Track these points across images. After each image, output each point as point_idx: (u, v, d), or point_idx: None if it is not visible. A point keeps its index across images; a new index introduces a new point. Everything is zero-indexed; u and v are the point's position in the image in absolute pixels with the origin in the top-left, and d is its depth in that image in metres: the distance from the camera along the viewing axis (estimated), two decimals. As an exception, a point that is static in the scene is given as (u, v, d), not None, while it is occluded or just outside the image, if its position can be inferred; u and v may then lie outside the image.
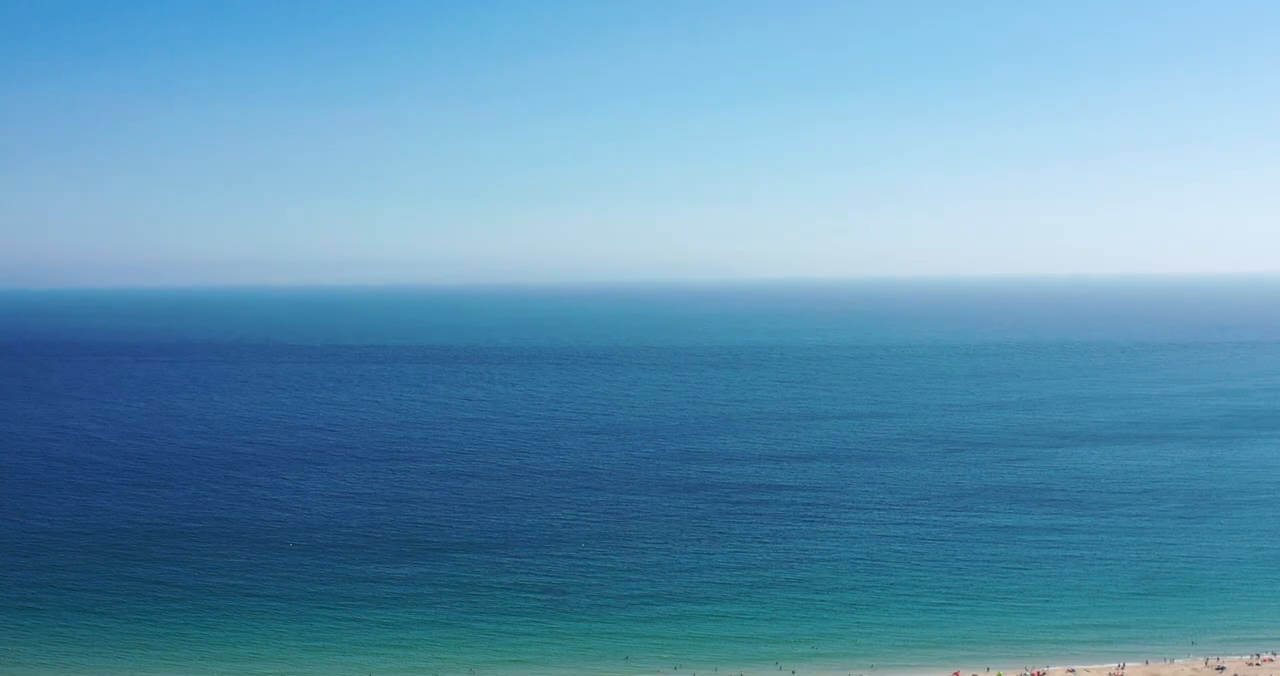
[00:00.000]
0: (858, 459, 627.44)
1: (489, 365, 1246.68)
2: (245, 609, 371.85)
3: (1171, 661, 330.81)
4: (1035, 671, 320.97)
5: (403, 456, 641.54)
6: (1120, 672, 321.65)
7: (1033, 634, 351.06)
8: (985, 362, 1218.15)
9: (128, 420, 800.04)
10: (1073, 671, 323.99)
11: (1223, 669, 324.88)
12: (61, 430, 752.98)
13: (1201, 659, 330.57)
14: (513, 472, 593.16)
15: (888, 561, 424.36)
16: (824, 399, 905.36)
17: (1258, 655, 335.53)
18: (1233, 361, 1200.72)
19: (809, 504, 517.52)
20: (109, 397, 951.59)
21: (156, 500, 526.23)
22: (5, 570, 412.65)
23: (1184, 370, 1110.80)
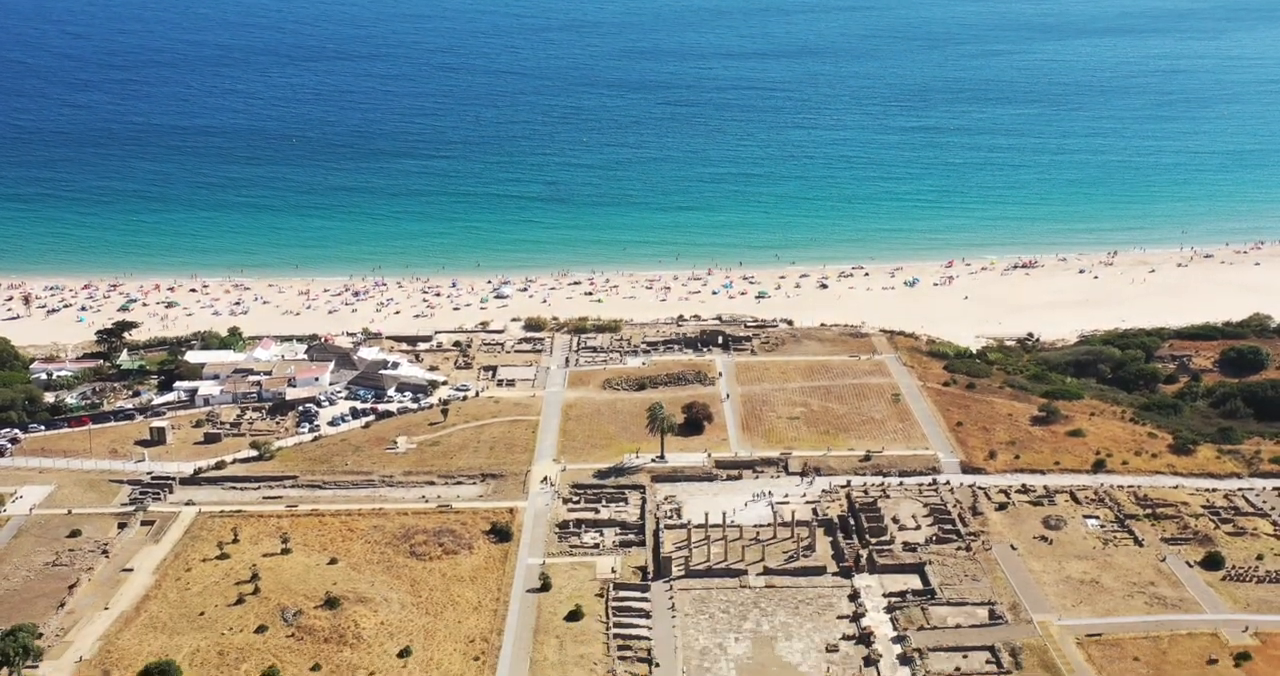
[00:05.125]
0: (854, 55, 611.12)
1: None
2: (237, 219, 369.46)
3: (1159, 249, 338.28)
4: (1028, 259, 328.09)
5: (393, 55, 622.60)
6: (1111, 260, 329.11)
7: (1027, 227, 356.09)
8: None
9: (92, 18, 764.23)
10: (1064, 259, 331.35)
11: (1210, 256, 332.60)
12: (11, 32, 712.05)
13: (1190, 248, 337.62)
14: (506, 69, 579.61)
15: (885, 161, 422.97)
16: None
17: (1230, 244, 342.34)
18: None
19: (804, 100, 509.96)
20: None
21: (143, 103, 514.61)
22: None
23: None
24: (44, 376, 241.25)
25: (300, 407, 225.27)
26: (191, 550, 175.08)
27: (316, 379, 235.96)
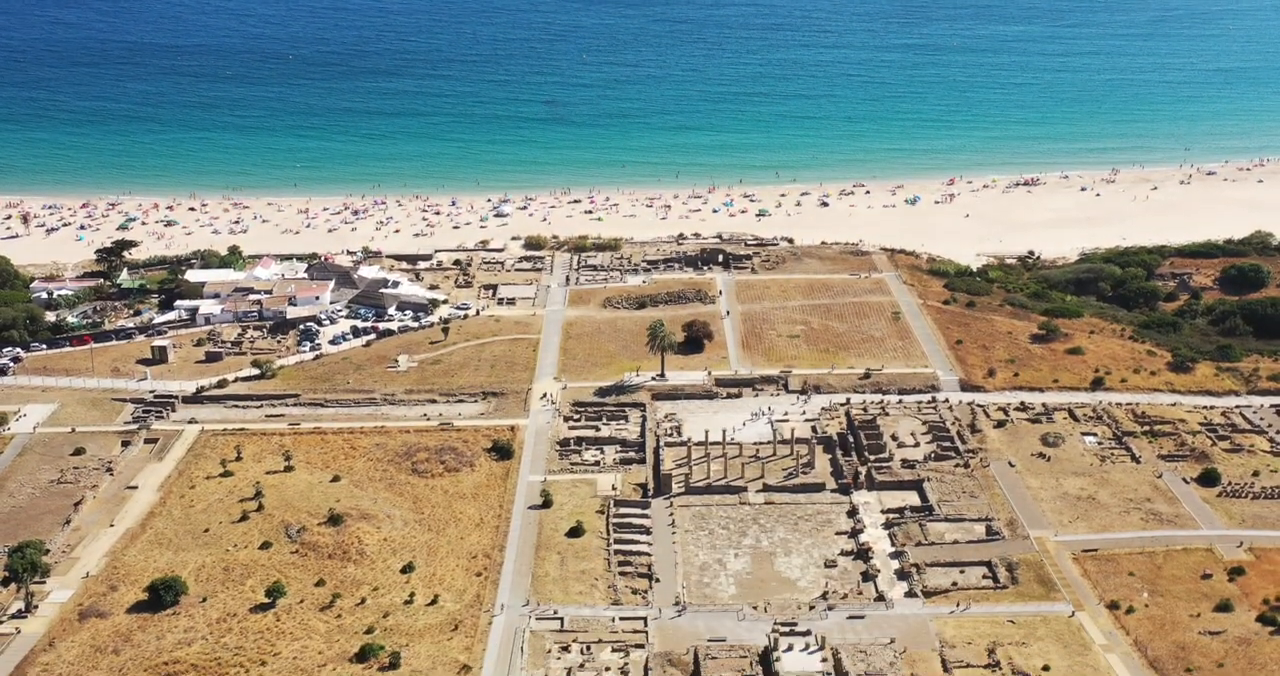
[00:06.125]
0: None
1: None
2: (233, 138, 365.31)
3: (1161, 167, 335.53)
4: (1030, 177, 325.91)
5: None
6: (1112, 178, 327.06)
7: (1029, 145, 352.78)
8: None
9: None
10: (1066, 177, 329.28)
11: (1212, 174, 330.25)
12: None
13: (1192, 166, 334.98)
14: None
15: (886, 80, 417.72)
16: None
17: (1231, 162, 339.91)
18: None
19: (805, 17, 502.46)
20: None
21: (133, 21, 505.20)
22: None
23: None
24: (44, 295, 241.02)
25: (301, 326, 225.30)
26: (195, 468, 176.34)
27: (317, 298, 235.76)
